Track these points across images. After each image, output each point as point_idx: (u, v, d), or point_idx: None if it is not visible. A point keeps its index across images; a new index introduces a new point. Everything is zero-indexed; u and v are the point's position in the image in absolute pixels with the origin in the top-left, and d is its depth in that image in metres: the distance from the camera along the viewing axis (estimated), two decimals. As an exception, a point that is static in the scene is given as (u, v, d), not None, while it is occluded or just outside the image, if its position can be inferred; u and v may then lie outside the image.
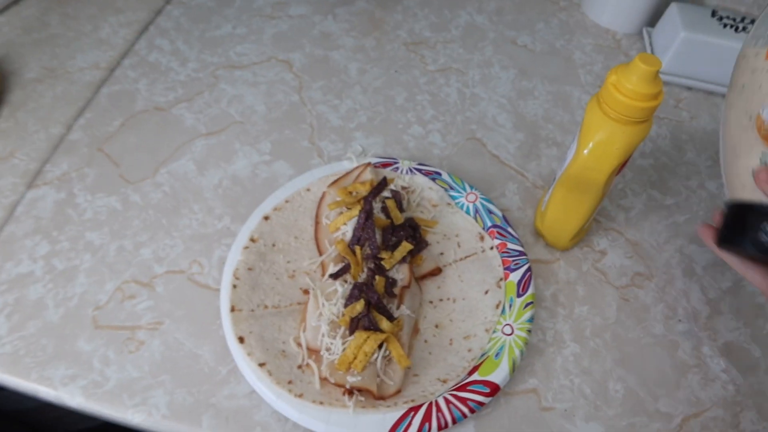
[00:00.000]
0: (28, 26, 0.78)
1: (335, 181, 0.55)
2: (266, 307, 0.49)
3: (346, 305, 0.46)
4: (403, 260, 0.49)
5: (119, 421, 0.46)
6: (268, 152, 0.62)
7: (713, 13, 0.69)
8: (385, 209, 0.52)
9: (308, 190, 0.56)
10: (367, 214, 0.49)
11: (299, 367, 0.45)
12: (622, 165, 0.46)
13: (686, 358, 0.49)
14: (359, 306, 0.45)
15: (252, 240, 0.52)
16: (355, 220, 0.50)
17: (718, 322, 0.51)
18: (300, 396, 0.43)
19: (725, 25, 0.67)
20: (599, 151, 0.45)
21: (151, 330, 0.50)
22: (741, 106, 0.38)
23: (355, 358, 0.43)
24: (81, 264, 0.54)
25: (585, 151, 0.45)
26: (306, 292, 0.50)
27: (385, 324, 0.45)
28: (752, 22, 0.67)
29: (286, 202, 0.55)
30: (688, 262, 0.55)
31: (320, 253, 0.52)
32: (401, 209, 0.52)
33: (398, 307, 0.47)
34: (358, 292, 0.46)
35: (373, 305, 0.45)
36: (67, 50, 0.74)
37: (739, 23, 0.68)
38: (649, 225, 0.57)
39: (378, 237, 0.49)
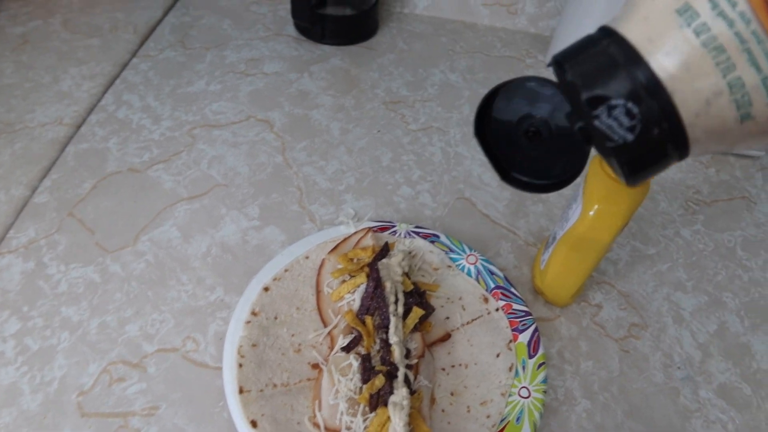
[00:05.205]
0: (-24, 74, 0.73)
1: (334, 248, 0.54)
2: (275, 386, 0.46)
3: (363, 380, 0.44)
4: (414, 328, 0.48)
5: None
6: (257, 217, 0.60)
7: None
8: (390, 274, 0.51)
9: (307, 257, 0.54)
10: (375, 282, 0.48)
11: (318, 449, 0.43)
12: (626, 222, 0.48)
13: (688, 404, 0.50)
14: (379, 381, 0.43)
15: (253, 313, 0.49)
16: (362, 288, 0.49)
17: (711, 365, 0.53)
18: (324, 482, 0.41)
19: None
20: (605, 213, 0.46)
21: (147, 416, 0.46)
22: None
23: (379, 436, 0.42)
24: (58, 343, 0.50)
25: (591, 213, 0.47)
26: (315, 366, 0.48)
27: (406, 398, 0.43)
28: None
29: (285, 271, 0.52)
30: (676, 309, 0.57)
31: (324, 324, 0.50)
32: (407, 275, 0.51)
33: (415, 378, 0.46)
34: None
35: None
36: (25, 102, 0.70)
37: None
38: (636, 276, 0.60)
39: (387, 304, 0.48)
